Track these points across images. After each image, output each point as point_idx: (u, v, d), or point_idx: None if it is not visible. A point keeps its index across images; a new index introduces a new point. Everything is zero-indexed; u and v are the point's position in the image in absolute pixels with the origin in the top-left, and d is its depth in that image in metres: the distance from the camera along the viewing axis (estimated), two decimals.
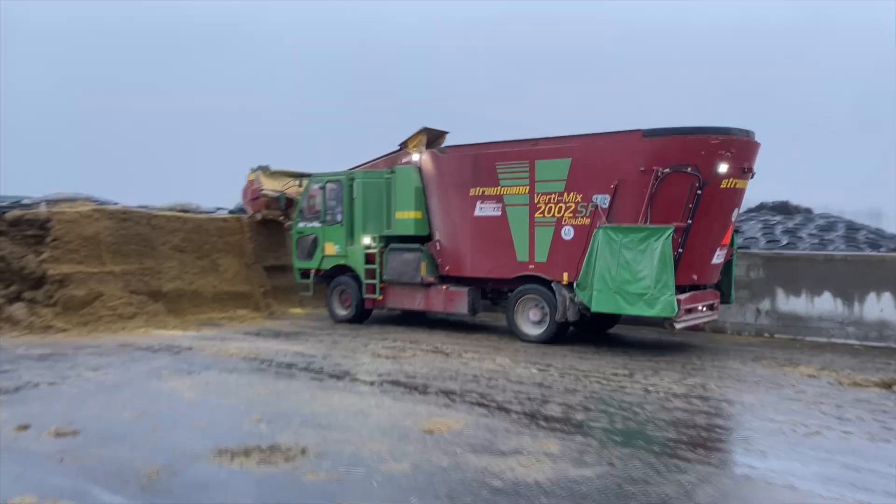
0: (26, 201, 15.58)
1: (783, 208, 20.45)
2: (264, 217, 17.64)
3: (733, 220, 12.54)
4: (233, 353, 11.13)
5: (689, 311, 11.91)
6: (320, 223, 15.92)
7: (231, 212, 18.17)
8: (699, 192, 11.44)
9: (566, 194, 12.68)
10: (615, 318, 14.17)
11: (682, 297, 11.47)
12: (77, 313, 13.58)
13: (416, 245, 14.83)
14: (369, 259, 15.28)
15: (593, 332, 14.16)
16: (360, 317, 15.53)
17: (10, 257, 14.05)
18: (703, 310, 12.58)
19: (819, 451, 6.58)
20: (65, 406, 8.02)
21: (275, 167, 17.76)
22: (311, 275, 16.04)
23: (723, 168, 11.48)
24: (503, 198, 13.38)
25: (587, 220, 12.45)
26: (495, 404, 8.17)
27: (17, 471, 5.95)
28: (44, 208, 14.73)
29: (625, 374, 10.03)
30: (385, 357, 11.26)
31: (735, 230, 13.31)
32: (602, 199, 12.30)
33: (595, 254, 12.18)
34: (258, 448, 6.43)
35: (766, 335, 14.11)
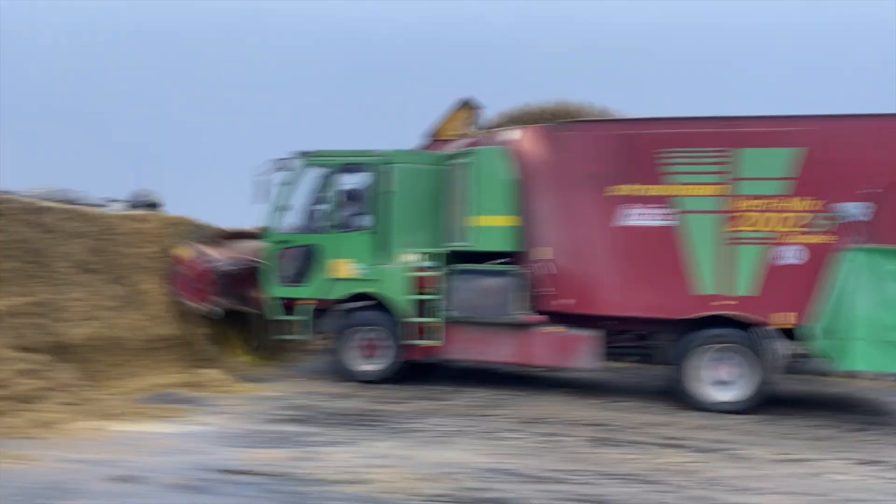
0: None
1: None
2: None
3: None
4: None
5: None
6: (325, 228, 9.98)
7: (134, 206, 11.26)
8: None
9: (792, 199, 8.36)
10: None
11: None
12: None
13: (506, 266, 9.54)
14: (420, 285, 9.66)
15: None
16: (397, 373, 9.85)
17: None
18: None
19: None
20: None
21: (215, 225, 11.18)
22: (310, 310, 9.97)
23: None
24: (672, 200, 8.69)
25: (829, 238, 8.23)
26: None
27: None
28: None
29: None
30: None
31: None
32: (857, 209, 8.16)
33: (850, 287, 8.04)
34: None
35: None
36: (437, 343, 9.57)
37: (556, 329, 9.25)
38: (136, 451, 6.17)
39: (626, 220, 8.86)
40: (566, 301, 9.18)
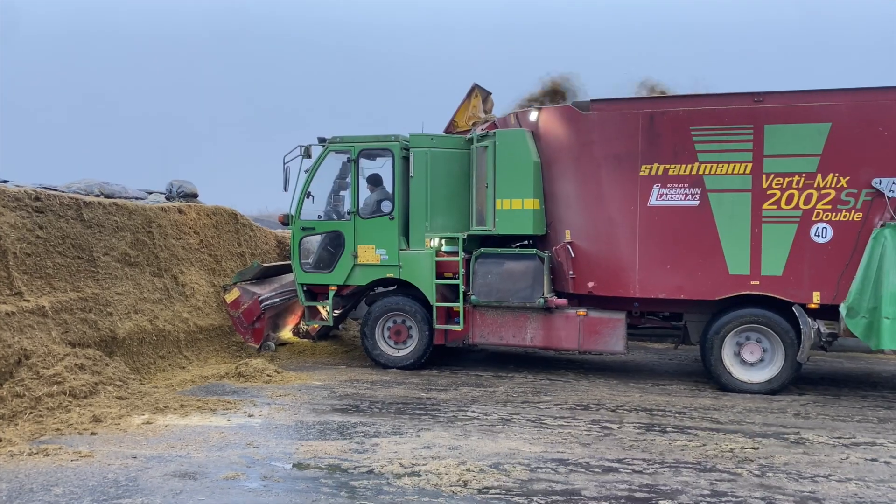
0: None
1: None
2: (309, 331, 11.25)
3: None
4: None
5: None
6: (348, 215, 9.80)
7: (168, 198, 11.09)
8: None
9: (821, 176, 8.08)
10: None
11: None
12: None
13: (530, 250, 9.38)
14: (444, 270, 9.52)
15: None
16: (423, 358, 9.70)
17: None
18: None
19: None
20: None
21: (259, 261, 10.94)
22: (331, 294, 9.85)
23: None
24: (704, 179, 8.43)
25: (859, 215, 7.97)
26: None
27: None
28: None
29: None
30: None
31: None
32: (889, 185, 7.88)
33: (879, 264, 7.81)
34: None
35: None
36: (460, 328, 9.44)
37: (580, 312, 9.09)
38: (189, 445, 6.08)
39: (657, 201, 8.61)
40: (591, 283, 8.98)
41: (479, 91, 11.13)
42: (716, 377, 8.51)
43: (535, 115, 9.27)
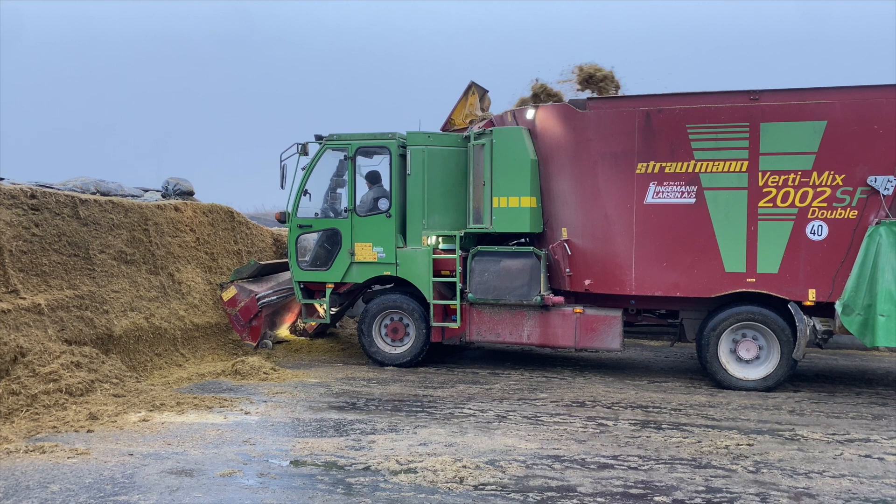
0: None
1: None
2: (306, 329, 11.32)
3: None
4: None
5: None
6: (345, 212, 9.79)
7: (165, 195, 11.07)
8: None
9: (816, 174, 8.09)
10: None
11: None
12: None
13: (527, 247, 9.39)
14: (441, 268, 9.53)
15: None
16: (420, 355, 9.71)
17: None
18: None
19: None
20: None
21: (255, 259, 10.91)
22: (328, 292, 9.85)
23: None
24: (700, 177, 8.44)
25: (854, 213, 7.99)
26: None
27: None
28: None
29: None
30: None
31: None
32: (884, 182, 7.89)
33: (873, 262, 7.82)
34: None
35: None
36: (457, 325, 9.45)
37: (576, 310, 9.11)
38: (186, 442, 6.08)
39: (654, 198, 8.62)
40: (587, 281, 8.99)
41: (476, 89, 11.12)
42: (712, 374, 8.53)
43: (531, 113, 9.26)
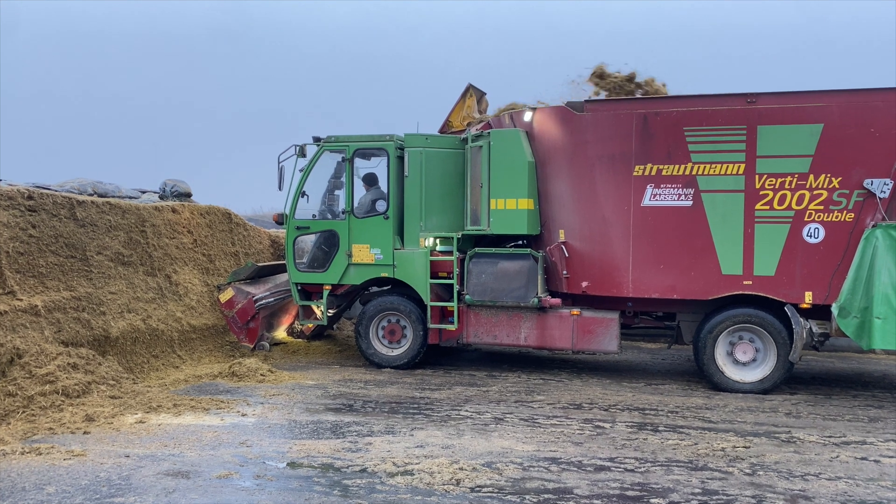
0: None
1: None
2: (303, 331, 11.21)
3: None
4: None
5: None
6: (343, 214, 9.79)
7: (162, 197, 11.07)
8: None
9: (813, 177, 8.11)
10: None
11: None
12: None
13: (524, 249, 9.40)
14: (438, 269, 9.53)
15: None
16: (417, 357, 9.70)
17: None
18: None
19: None
20: None
21: (253, 261, 10.89)
22: (325, 294, 9.84)
23: None
24: (697, 180, 8.46)
25: (850, 216, 8.01)
26: None
27: None
28: None
29: None
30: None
31: None
32: (880, 185, 7.91)
33: (870, 264, 7.84)
34: None
35: None
36: (454, 327, 9.45)
37: (573, 311, 9.11)
38: (183, 444, 6.07)
39: (651, 201, 8.63)
40: (584, 283, 9.00)
41: (474, 91, 11.15)
42: (708, 377, 8.54)
43: (529, 116, 9.27)
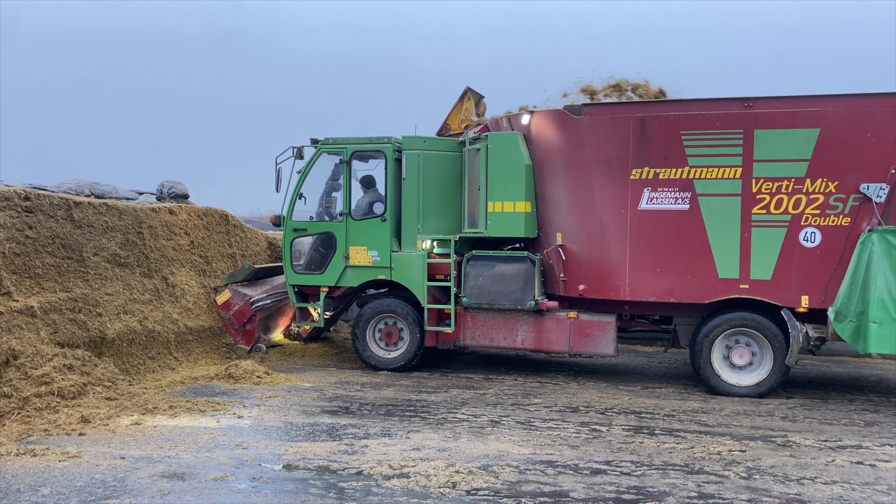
0: None
1: None
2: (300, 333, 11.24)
3: None
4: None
5: None
6: (340, 216, 9.77)
7: (159, 198, 11.04)
8: None
9: (810, 181, 8.11)
10: None
11: None
12: None
13: (522, 252, 9.39)
14: (435, 272, 9.50)
15: None
16: (414, 360, 9.67)
17: None
18: None
19: None
20: None
21: (249, 263, 10.84)
22: (322, 296, 9.81)
23: None
24: (694, 184, 8.45)
25: (847, 220, 8.00)
26: None
27: None
28: None
29: None
30: None
31: None
32: (876, 190, 7.91)
33: (866, 269, 7.84)
34: None
35: None
36: (451, 330, 9.42)
37: (570, 314, 9.09)
38: (178, 446, 6.05)
39: (648, 204, 8.62)
40: (581, 286, 8.98)
41: (472, 94, 11.13)
42: (705, 380, 8.52)
43: (527, 119, 9.26)
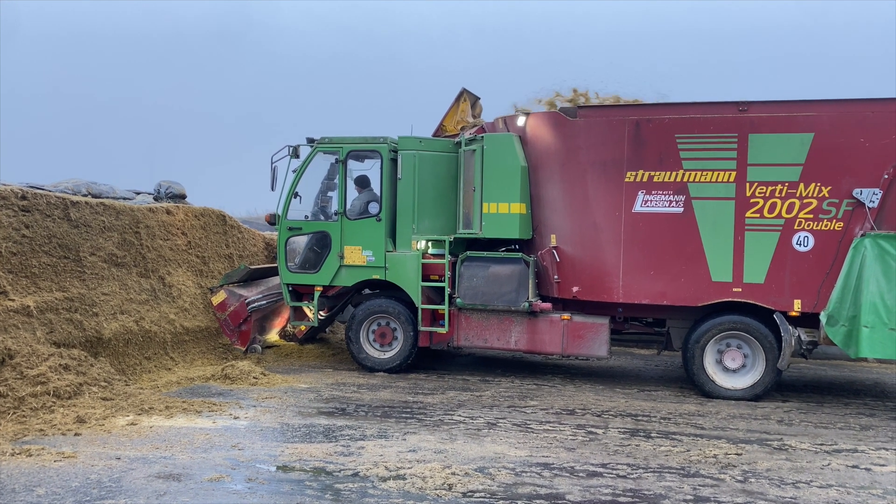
0: None
1: None
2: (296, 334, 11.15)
3: None
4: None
5: None
6: (335, 215, 9.72)
7: (156, 198, 10.97)
8: None
9: (803, 185, 8.12)
10: None
11: None
12: None
13: (516, 254, 9.37)
14: (430, 272, 9.47)
15: None
16: (408, 360, 9.63)
17: None
18: None
19: None
20: None
21: (246, 263, 10.82)
22: (316, 295, 9.76)
23: None
24: (688, 187, 8.45)
25: (839, 225, 8.02)
26: None
27: None
28: None
29: None
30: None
31: None
32: (869, 195, 7.93)
33: (858, 273, 7.85)
34: None
35: None
36: (445, 330, 9.39)
37: (564, 316, 9.07)
38: (174, 446, 6.00)
39: (642, 207, 8.60)
40: (575, 288, 8.97)
41: (468, 95, 11.09)
42: (700, 385, 8.49)
43: (522, 120, 9.25)
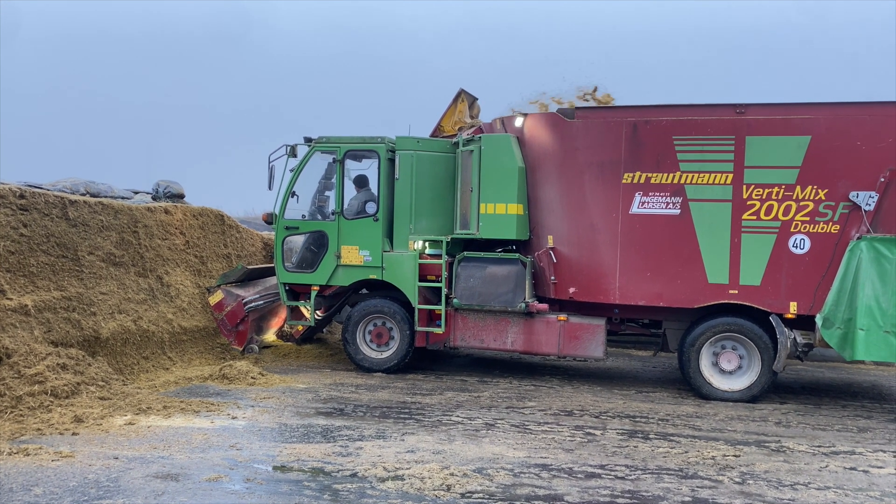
0: None
1: None
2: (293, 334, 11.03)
3: None
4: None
5: None
6: (332, 215, 9.67)
7: (155, 198, 10.90)
8: None
9: (800, 188, 8.11)
10: None
11: None
12: None
13: (513, 254, 9.34)
14: (427, 272, 9.43)
15: None
16: (405, 360, 9.59)
17: None
18: None
19: None
20: None
21: (244, 263, 10.73)
22: (313, 294, 9.70)
23: None
24: (685, 189, 8.43)
25: (836, 228, 8.01)
26: None
27: None
28: None
29: None
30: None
31: None
32: (865, 198, 7.92)
33: (854, 276, 7.84)
34: None
35: None
36: (441, 330, 9.35)
37: (560, 317, 9.05)
38: (172, 446, 5.96)
39: (639, 208, 8.58)
40: (572, 289, 8.95)
41: (466, 96, 11.06)
42: (696, 388, 8.46)
43: (520, 121, 9.22)
